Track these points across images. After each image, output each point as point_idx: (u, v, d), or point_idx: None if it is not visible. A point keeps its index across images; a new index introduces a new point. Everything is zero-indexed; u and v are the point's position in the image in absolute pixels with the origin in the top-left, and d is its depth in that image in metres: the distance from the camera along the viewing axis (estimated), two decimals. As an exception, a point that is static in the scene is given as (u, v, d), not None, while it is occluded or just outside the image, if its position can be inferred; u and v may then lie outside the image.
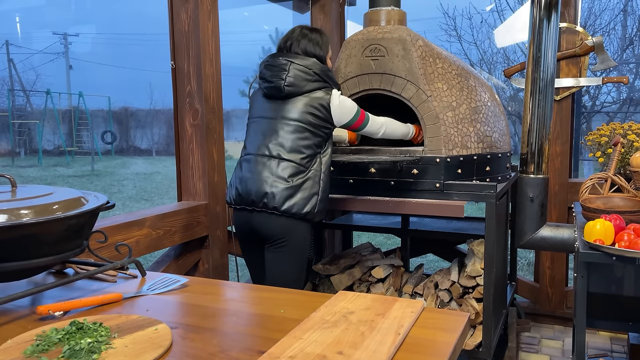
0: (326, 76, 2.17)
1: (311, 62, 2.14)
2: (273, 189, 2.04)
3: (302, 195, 2.07)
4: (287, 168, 2.06)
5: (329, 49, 2.27)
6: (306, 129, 2.10)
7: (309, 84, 2.12)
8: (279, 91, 2.12)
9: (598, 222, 1.88)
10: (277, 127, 2.12)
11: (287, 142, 2.09)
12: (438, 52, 2.52)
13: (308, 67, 2.13)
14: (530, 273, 4.75)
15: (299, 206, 2.06)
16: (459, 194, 2.28)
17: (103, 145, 21.66)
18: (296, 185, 2.06)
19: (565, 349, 3.02)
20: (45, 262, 1.15)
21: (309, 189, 2.09)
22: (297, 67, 2.12)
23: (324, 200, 2.15)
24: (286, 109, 2.13)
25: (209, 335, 0.99)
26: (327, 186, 2.17)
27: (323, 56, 2.22)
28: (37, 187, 1.28)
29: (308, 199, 2.07)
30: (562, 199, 3.23)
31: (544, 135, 2.47)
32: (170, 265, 2.36)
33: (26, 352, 0.89)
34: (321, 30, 2.28)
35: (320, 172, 2.13)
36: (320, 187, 2.13)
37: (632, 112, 10.66)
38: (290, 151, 2.08)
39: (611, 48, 10.78)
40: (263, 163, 2.09)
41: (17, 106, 22.89)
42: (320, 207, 2.13)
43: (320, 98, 2.13)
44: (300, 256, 2.15)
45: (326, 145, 2.18)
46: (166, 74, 2.52)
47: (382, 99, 2.51)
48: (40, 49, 27.75)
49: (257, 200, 2.06)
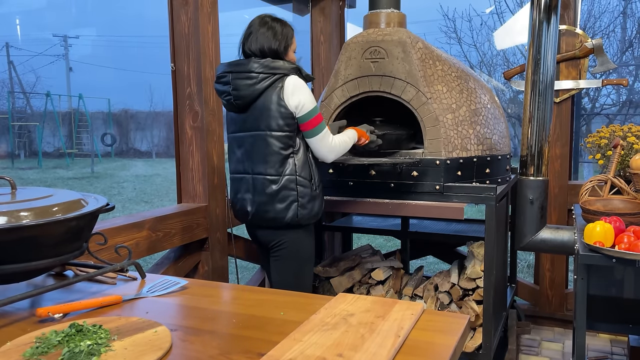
0: (271, 68, 1.97)
1: (250, 65, 1.98)
2: (253, 207, 2.07)
3: (280, 206, 2.02)
4: (259, 182, 2.04)
5: (291, 41, 2.08)
6: (268, 135, 2.00)
7: (255, 87, 1.98)
8: (233, 107, 2.06)
9: (598, 224, 1.88)
10: (244, 141, 2.07)
11: (254, 155, 2.04)
12: (438, 54, 2.52)
13: (248, 71, 1.98)
14: (530, 275, 4.74)
15: (280, 217, 2.03)
16: (459, 196, 2.28)
17: (103, 147, 21.65)
18: (271, 196, 2.02)
19: (566, 351, 3.02)
20: (44, 264, 1.15)
21: (286, 197, 2.02)
22: (237, 77, 1.99)
23: (309, 203, 2.05)
24: (248, 120, 2.04)
25: (209, 338, 0.99)
26: (310, 188, 2.05)
27: (280, 50, 2.03)
28: (37, 189, 1.28)
29: (287, 207, 2.02)
30: (562, 201, 3.23)
31: (544, 138, 2.47)
32: (170, 268, 2.35)
33: (25, 355, 0.89)
34: (284, 21, 2.08)
35: (295, 175, 2.02)
36: (298, 192, 2.03)
37: (632, 114, 10.67)
38: (258, 163, 2.03)
39: (611, 50, 10.79)
40: (240, 180, 2.11)
41: (17, 108, 22.89)
42: (304, 212, 2.04)
43: (272, 94, 1.97)
44: (298, 263, 2.10)
45: (297, 144, 2.03)
46: (166, 76, 2.52)
47: (381, 102, 2.51)
48: (41, 51, 27.75)
49: (247, 218, 2.12)
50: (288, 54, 2.08)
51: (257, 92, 1.97)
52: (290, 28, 2.09)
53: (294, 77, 1.99)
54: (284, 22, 2.07)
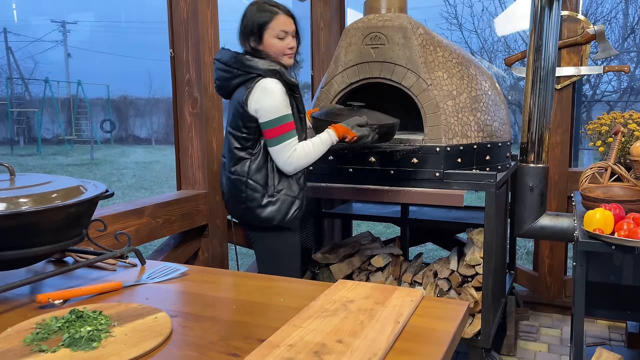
0: (246, 67, 1.88)
1: (228, 56, 1.92)
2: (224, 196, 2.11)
3: (232, 202, 2.05)
4: (223, 173, 2.08)
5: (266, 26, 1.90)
6: (229, 132, 1.98)
7: (230, 82, 1.93)
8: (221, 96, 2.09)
9: (598, 211, 1.88)
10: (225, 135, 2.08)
11: (224, 151, 2.05)
12: (439, 40, 2.50)
13: (227, 64, 1.92)
14: (529, 262, 4.76)
15: (233, 213, 2.05)
16: (459, 183, 2.28)
17: (102, 134, 21.62)
18: (226, 189, 2.05)
19: (564, 337, 3.04)
20: (44, 250, 1.15)
21: (235, 197, 2.00)
22: (219, 67, 1.95)
23: (259, 209, 1.96)
24: (228, 111, 2.04)
25: (209, 324, 0.99)
26: (262, 194, 1.96)
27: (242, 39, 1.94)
28: (36, 176, 1.28)
29: (236, 207, 2.03)
30: (562, 188, 3.23)
31: (545, 125, 2.46)
32: (170, 254, 2.36)
33: (26, 341, 0.89)
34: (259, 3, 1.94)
35: (246, 177, 1.96)
36: (246, 195, 1.97)
37: (633, 101, 10.64)
38: (225, 155, 2.04)
39: (612, 37, 10.73)
40: (223, 166, 2.11)
41: (15, 94, 22.82)
42: (253, 216, 1.98)
43: (241, 92, 1.91)
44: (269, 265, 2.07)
45: (256, 148, 1.96)
46: (165, 63, 2.50)
47: (381, 88, 2.50)
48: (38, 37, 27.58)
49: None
50: (263, 41, 1.93)
51: (231, 86, 1.95)
52: (266, 11, 1.91)
53: (267, 81, 1.87)
54: (257, 4, 1.92)
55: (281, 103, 1.88)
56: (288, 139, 1.90)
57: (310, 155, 1.94)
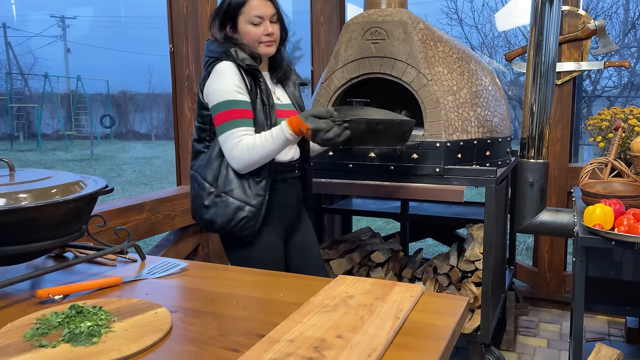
0: (208, 51, 1.74)
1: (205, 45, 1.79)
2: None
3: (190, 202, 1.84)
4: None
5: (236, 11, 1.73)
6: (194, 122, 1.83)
7: (205, 69, 1.76)
8: None
9: (598, 206, 1.88)
10: None
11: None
12: (439, 35, 2.50)
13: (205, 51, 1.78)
14: (529, 258, 4.77)
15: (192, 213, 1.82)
16: (459, 179, 2.28)
17: (102, 129, 21.60)
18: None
19: (563, 332, 3.04)
20: (44, 246, 1.15)
21: (191, 195, 1.82)
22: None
23: (204, 209, 1.74)
24: None
25: (209, 319, 0.99)
26: (207, 192, 1.73)
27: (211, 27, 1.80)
28: (35, 171, 1.28)
29: (191, 203, 1.83)
30: (562, 183, 3.23)
31: (545, 120, 2.46)
32: (170, 250, 2.36)
33: (26, 336, 0.89)
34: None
35: (197, 172, 1.77)
36: (194, 191, 1.78)
37: (633, 96, 10.63)
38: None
39: (613, 32, 10.70)
40: None
41: (15, 90, 22.78)
42: (200, 215, 1.76)
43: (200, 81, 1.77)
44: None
45: (213, 139, 1.75)
46: (165, 58, 2.50)
47: (382, 84, 2.49)
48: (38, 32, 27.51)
49: None
50: (238, 28, 1.76)
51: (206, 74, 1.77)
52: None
53: (220, 63, 1.70)
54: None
55: (230, 86, 1.66)
56: (233, 127, 1.65)
57: (256, 150, 1.64)
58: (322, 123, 1.61)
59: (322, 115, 1.63)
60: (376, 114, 1.91)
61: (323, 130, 1.61)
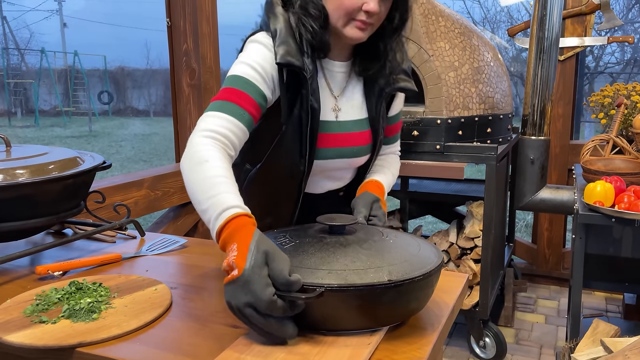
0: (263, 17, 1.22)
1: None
2: None
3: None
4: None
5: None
6: None
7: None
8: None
9: (598, 183, 1.87)
10: None
11: None
12: (441, 9, 2.45)
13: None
14: (528, 235, 4.78)
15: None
16: (459, 156, 2.27)
17: (100, 105, 21.47)
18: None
19: (561, 308, 3.07)
20: (42, 222, 1.15)
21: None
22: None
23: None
24: None
25: (208, 296, 0.99)
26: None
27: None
28: (32, 147, 1.27)
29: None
30: (563, 161, 3.22)
31: (547, 97, 2.44)
32: (169, 226, 2.36)
33: (26, 312, 0.89)
34: None
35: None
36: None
37: (636, 72, 10.54)
38: None
39: (617, 7, 10.56)
40: None
41: (12, 65, 22.56)
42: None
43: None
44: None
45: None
46: (162, 33, 2.46)
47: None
48: (34, 7, 27.13)
49: None
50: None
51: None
52: None
53: (262, 33, 1.18)
54: None
55: (246, 59, 1.14)
56: (209, 109, 1.13)
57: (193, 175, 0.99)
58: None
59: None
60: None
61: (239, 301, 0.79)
